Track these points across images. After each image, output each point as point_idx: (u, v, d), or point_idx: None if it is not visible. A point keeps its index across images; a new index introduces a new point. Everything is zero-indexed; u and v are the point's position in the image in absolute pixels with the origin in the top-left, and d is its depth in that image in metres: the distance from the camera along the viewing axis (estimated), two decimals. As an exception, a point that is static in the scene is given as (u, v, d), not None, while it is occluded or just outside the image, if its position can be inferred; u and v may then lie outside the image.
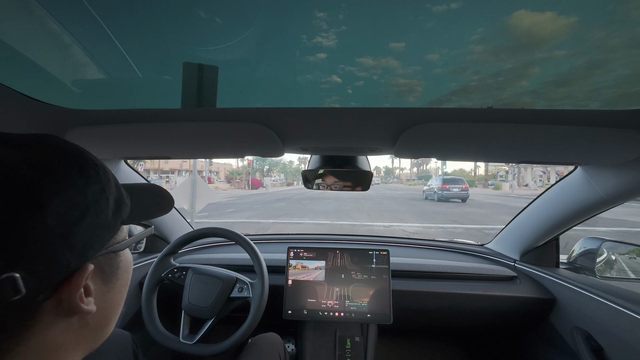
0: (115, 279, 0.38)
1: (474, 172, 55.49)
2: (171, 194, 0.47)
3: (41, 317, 0.29)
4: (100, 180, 0.33)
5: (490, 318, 1.26)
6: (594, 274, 1.13)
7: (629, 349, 0.84)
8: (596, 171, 0.90)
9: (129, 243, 0.39)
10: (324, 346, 1.20)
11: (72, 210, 0.29)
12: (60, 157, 0.31)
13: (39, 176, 0.28)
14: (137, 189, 0.41)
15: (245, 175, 39.80)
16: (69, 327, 0.32)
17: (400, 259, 1.36)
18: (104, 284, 0.36)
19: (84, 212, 0.30)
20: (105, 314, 0.37)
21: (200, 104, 0.67)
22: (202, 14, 0.51)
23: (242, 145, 0.86)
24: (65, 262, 0.29)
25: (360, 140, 0.82)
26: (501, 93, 0.62)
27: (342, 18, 0.50)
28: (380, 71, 0.58)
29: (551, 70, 0.57)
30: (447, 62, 0.57)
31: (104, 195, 0.33)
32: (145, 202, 0.42)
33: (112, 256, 0.37)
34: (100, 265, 0.35)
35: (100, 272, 0.35)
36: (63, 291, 0.30)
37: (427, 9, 0.49)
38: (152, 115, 0.73)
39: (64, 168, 0.30)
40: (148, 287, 1.06)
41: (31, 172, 0.28)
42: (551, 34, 0.50)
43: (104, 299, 0.36)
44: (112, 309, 0.38)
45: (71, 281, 0.30)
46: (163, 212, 0.45)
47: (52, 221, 0.27)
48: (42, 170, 0.28)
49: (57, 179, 0.29)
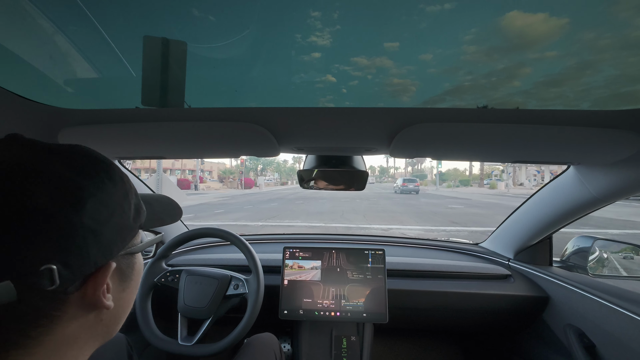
0: (129, 279, 0.40)
1: (469, 171, 55.92)
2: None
3: (67, 309, 0.31)
4: (124, 186, 0.36)
5: (485, 316, 1.27)
6: (586, 272, 1.15)
7: (620, 346, 0.85)
8: (588, 171, 0.91)
9: (145, 246, 0.41)
10: (320, 346, 1.20)
11: (103, 211, 0.32)
12: (94, 164, 0.34)
13: (78, 178, 0.31)
14: (148, 198, 0.44)
15: (238, 175, 39.62)
16: (87, 321, 0.34)
17: (396, 258, 1.36)
18: (120, 284, 0.38)
19: (111, 213, 0.33)
20: (117, 313, 0.39)
21: (195, 104, 0.67)
22: (195, 13, 0.51)
23: (237, 145, 0.85)
24: (94, 257, 0.31)
25: (356, 140, 0.82)
26: (494, 93, 0.63)
27: (336, 17, 0.50)
28: (375, 71, 0.58)
29: (543, 70, 0.57)
30: (440, 62, 0.57)
31: (127, 200, 0.36)
32: (157, 209, 0.45)
33: (130, 257, 0.39)
34: (119, 265, 0.37)
35: (118, 271, 0.37)
36: (89, 285, 0.32)
37: (421, 9, 0.49)
38: (147, 114, 0.72)
39: (97, 173, 0.33)
40: (141, 293, 1.05)
41: (72, 174, 0.31)
42: (543, 35, 0.51)
43: (118, 297, 0.38)
44: (124, 308, 0.41)
45: (97, 276, 0.32)
46: (172, 220, 0.48)
47: (87, 219, 0.30)
48: (81, 173, 0.32)
49: (92, 182, 0.32)
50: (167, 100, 0.67)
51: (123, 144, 0.88)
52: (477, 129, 0.69)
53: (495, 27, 0.50)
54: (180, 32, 0.57)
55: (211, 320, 1.00)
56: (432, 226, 8.05)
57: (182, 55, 0.61)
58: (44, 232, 0.27)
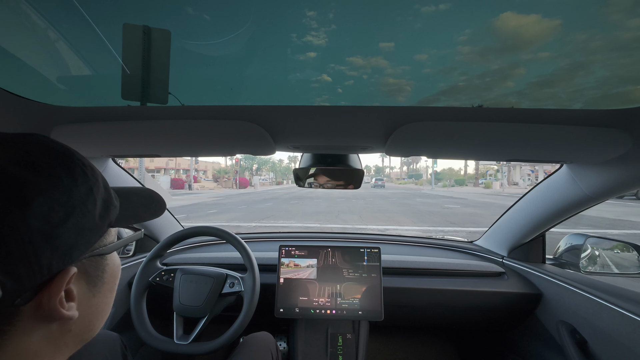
0: (101, 283, 0.36)
1: (464, 171, 56.21)
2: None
3: (19, 322, 0.28)
4: (87, 180, 0.32)
5: (479, 313, 1.28)
6: (578, 269, 1.17)
7: (612, 342, 0.87)
8: (581, 169, 0.92)
9: (117, 246, 0.38)
10: (315, 344, 1.20)
11: (57, 210, 0.28)
12: (48, 156, 0.30)
13: (23, 174, 0.27)
14: (126, 192, 0.41)
15: (233, 174, 39.42)
16: (49, 333, 0.31)
17: (391, 256, 1.37)
18: (88, 289, 0.35)
19: (69, 213, 0.29)
20: (89, 320, 0.36)
21: (190, 101, 0.67)
22: (190, 11, 0.51)
23: (233, 143, 0.85)
24: (47, 263, 0.28)
25: (352, 138, 0.82)
26: (488, 93, 0.63)
27: (332, 17, 0.50)
28: (370, 70, 0.58)
29: (536, 71, 0.58)
30: (435, 63, 0.58)
31: (91, 196, 0.32)
32: (135, 204, 0.41)
33: (98, 259, 0.36)
34: (85, 269, 0.34)
35: (85, 275, 0.34)
36: (43, 295, 0.28)
37: (416, 10, 0.49)
38: (140, 112, 0.72)
39: (50, 167, 0.29)
40: (136, 292, 1.05)
41: (16, 169, 0.27)
42: (536, 36, 0.51)
43: (88, 304, 0.35)
44: (96, 314, 0.37)
45: (52, 284, 0.29)
46: (153, 215, 0.44)
47: (35, 220, 0.27)
48: (28, 168, 0.28)
49: (43, 178, 0.28)
50: (150, 97, 0.66)
51: (116, 141, 0.87)
52: (472, 128, 0.69)
53: (489, 28, 0.51)
54: (175, 30, 0.57)
55: (207, 318, 1.00)
56: (429, 226, 7.99)
57: (165, 44, 0.60)
58: None
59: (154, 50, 0.61)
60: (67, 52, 0.64)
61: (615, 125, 0.65)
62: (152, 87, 0.68)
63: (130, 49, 0.62)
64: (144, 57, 0.64)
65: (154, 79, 0.67)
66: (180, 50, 0.63)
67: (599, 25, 0.49)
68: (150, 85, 0.68)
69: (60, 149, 0.32)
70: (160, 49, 0.61)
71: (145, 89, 0.68)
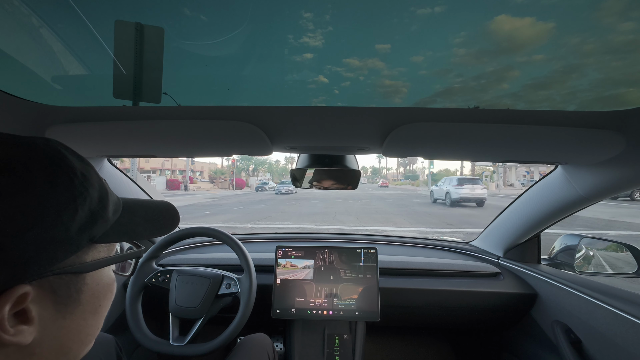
0: (75, 304, 0.32)
1: (460, 172, 56.49)
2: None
3: None
4: (72, 188, 0.29)
5: (475, 313, 1.29)
6: (573, 269, 1.18)
7: (605, 341, 0.88)
8: (575, 170, 0.93)
9: (102, 265, 0.33)
10: (312, 345, 1.20)
11: (18, 218, 0.25)
12: (28, 158, 0.27)
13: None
14: (133, 204, 0.37)
15: (230, 175, 39.32)
16: (7, 358, 0.27)
17: (388, 257, 1.37)
18: (57, 309, 0.30)
19: (34, 222, 0.26)
20: (61, 343, 0.31)
21: (186, 101, 0.66)
22: (186, 12, 0.51)
23: (229, 143, 0.85)
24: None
25: (349, 139, 0.83)
26: (483, 95, 0.64)
27: (328, 19, 0.50)
28: (367, 72, 0.59)
29: (530, 73, 0.59)
30: (431, 64, 0.58)
31: (71, 206, 0.28)
32: (138, 220, 0.37)
33: (71, 278, 0.31)
34: (51, 288, 0.29)
35: (51, 294, 0.29)
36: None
37: (412, 12, 0.50)
38: (136, 112, 0.71)
39: (25, 169, 0.26)
40: (131, 294, 1.04)
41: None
42: (530, 39, 0.52)
43: (56, 326, 0.30)
44: (70, 337, 0.32)
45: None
46: (157, 234, 0.39)
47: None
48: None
49: (13, 181, 0.25)
50: (143, 97, 0.66)
51: (112, 141, 0.86)
52: (468, 129, 0.70)
53: (484, 30, 0.51)
54: (171, 30, 0.57)
55: (203, 320, 0.99)
56: (426, 227, 8.00)
57: (159, 42, 0.60)
58: None
59: (147, 49, 0.61)
60: (62, 51, 0.63)
61: (609, 126, 0.66)
62: (145, 87, 0.68)
63: (124, 48, 0.61)
64: (137, 56, 0.63)
65: (147, 78, 0.67)
66: (177, 51, 0.63)
67: (592, 29, 0.50)
68: (143, 85, 0.67)
69: (49, 152, 0.29)
70: (154, 47, 0.61)
71: (138, 89, 0.67)
